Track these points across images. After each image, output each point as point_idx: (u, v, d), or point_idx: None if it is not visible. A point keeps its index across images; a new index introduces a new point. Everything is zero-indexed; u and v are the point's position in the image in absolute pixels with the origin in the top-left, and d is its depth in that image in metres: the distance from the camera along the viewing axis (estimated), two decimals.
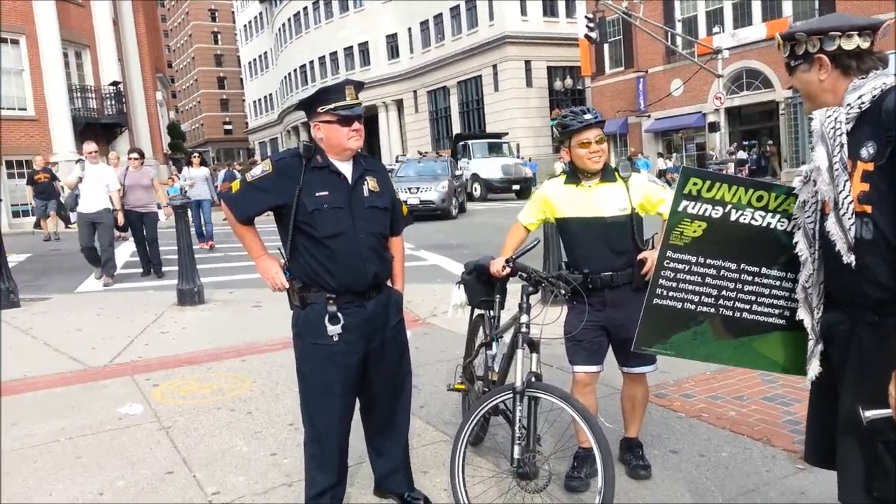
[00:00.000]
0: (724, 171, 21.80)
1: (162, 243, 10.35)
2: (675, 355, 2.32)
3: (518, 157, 29.45)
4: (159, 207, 10.35)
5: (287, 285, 2.76)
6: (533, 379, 2.74)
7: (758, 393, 4.22)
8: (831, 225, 1.81)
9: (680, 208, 2.12)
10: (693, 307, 2.19)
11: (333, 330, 2.69)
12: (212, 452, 3.68)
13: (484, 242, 12.41)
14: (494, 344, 3.32)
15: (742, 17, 28.09)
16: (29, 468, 3.56)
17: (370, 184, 2.80)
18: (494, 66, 40.01)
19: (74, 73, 23.61)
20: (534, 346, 2.81)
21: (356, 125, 2.71)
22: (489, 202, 25.29)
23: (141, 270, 10.10)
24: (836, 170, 1.79)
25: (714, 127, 26.45)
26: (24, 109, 21.44)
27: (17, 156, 20.90)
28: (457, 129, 44.15)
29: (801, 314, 2.01)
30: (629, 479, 3.17)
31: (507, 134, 33.31)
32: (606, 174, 3.01)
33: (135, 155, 10.11)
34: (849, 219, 1.77)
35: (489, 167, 26.44)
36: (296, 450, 3.63)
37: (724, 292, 2.17)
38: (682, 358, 2.37)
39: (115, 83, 24.66)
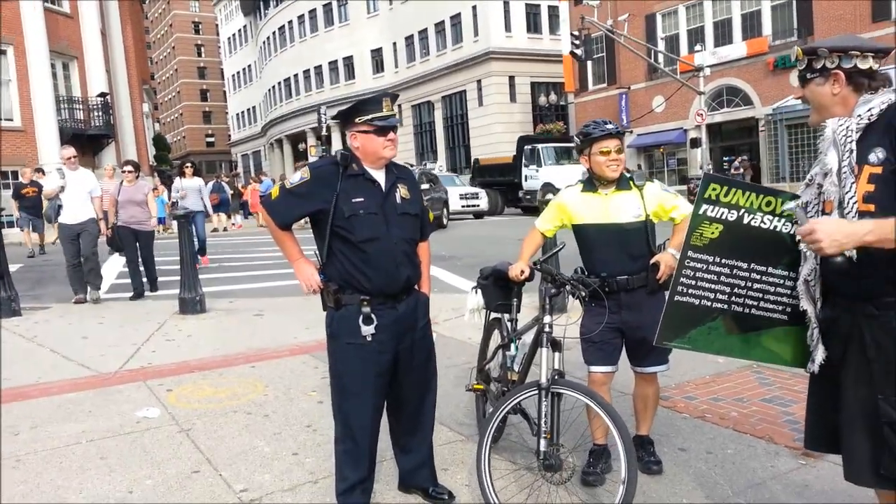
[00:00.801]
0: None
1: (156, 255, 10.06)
2: (692, 349, 2.51)
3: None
4: (161, 221, 10.23)
5: (322, 287, 2.90)
6: (556, 376, 2.90)
7: (757, 395, 4.41)
8: None
9: (700, 211, 2.31)
10: (709, 304, 2.37)
11: (367, 330, 2.83)
12: (234, 453, 3.78)
13: (476, 254, 12.59)
14: (513, 345, 3.47)
15: (723, 36, 28.71)
16: (55, 468, 3.65)
17: (402, 191, 2.96)
18: (479, 82, 40.42)
19: (62, 83, 23.55)
20: (556, 345, 2.97)
21: (391, 135, 2.86)
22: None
23: (130, 294, 9.00)
24: (845, 172, 2.00)
25: (695, 143, 26.93)
26: (11, 120, 21.34)
27: (3, 167, 20.76)
28: (441, 143, 44.47)
29: (805, 305, 2.20)
30: (642, 474, 3.29)
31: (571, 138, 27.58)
32: (622, 183, 3.19)
33: (129, 168, 9.35)
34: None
35: (566, 176, 19.70)
36: (316, 450, 3.77)
37: (735, 290, 2.36)
38: (697, 351, 2.55)
39: (102, 94, 24.61)
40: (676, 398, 4.39)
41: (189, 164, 12.59)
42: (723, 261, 2.35)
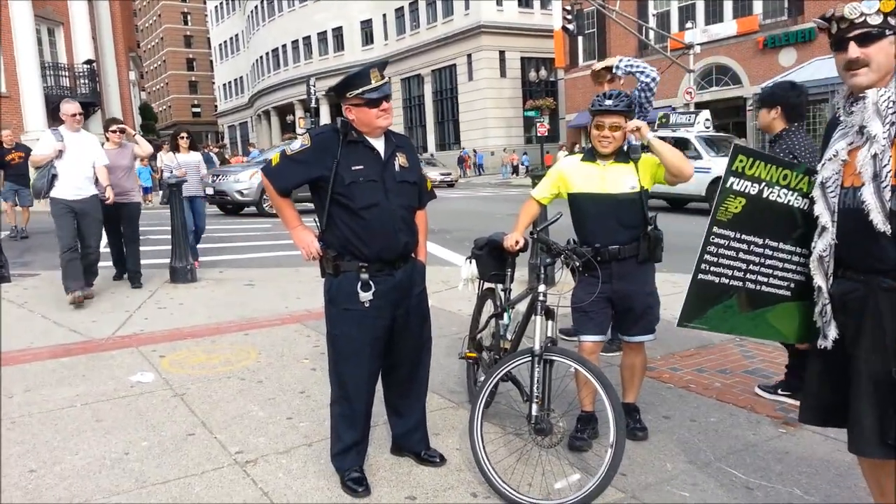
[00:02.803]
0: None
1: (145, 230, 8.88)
2: (708, 329, 2.51)
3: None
4: (146, 192, 8.37)
5: (321, 253, 2.94)
6: (549, 344, 2.98)
7: (739, 367, 4.52)
8: (868, 195, 1.98)
9: (728, 184, 2.28)
10: (727, 281, 2.37)
11: (365, 296, 2.88)
12: (229, 417, 3.84)
13: (466, 227, 12.65)
14: (506, 314, 3.55)
15: (714, 14, 28.68)
16: (51, 430, 3.69)
17: (400, 160, 2.99)
18: (469, 56, 40.19)
19: (47, 50, 23.19)
20: (550, 313, 3.05)
21: (384, 105, 2.88)
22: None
23: (114, 273, 7.89)
24: (884, 145, 1.97)
25: None
26: None
27: None
28: (430, 118, 44.26)
29: (818, 281, 2.19)
30: (628, 440, 3.38)
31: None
32: (620, 156, 3.25)
33: (115, 128, 7.53)
34: (889, 190, 1.95)
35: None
36: (310, 414, 3.84)
37: (750, 266, 2.36)
38: (712, 331, 2.56)
39: (88, 61, 24.26)
40: (662, 369, 4.49)
41: (184, 135, 9.06)
42: (742, 237, 2.34)
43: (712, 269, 2.35)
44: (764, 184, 2.29)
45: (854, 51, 2.02)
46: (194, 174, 8.62)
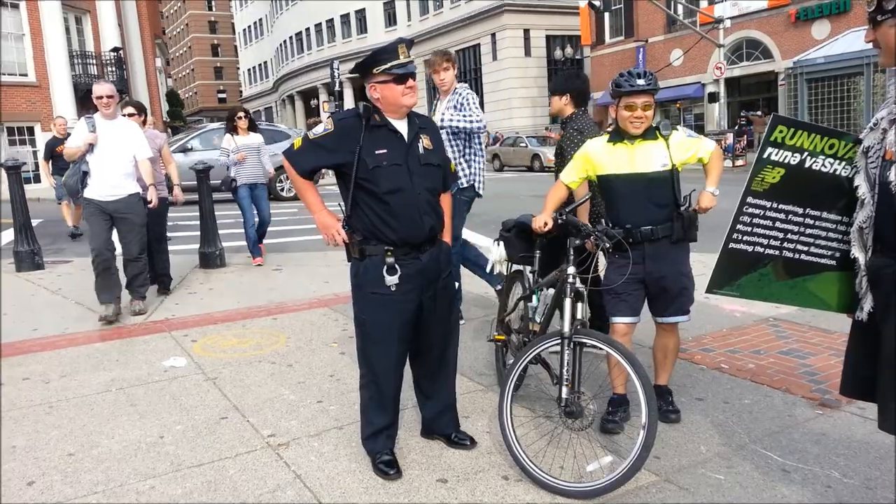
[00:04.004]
0: (723, 142, 21.87)
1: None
2: (739, 296, 2.50)
3: None
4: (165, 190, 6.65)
5: (346, 239, 2.93)
6: (579, 326, 2.94)
7: (774, 347, 4.44)
8: (894, 174, 1.97)
9: (765, 155, 2.26)
10: (762, 250, 2.36)
11: (391, 280, 2.87)
12: (261, 400, 3.88)
13: (492, 210, 12.57)
14: (535, 297, 3.51)
15: None
16: (87, 414, 3.76)
17: (424, 142, 2.95)
18: (493, 35, 39.76)
19: (75, 38, 23.46)
20: (580, 295, 3.01)
21: (410, 82, 2.84)
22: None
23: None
24: None
25: (713, 97, 26.45)
26: (25, 75, 21.33)
27: (19, 122, 20.85)
28: None
29: (855, 252, 2.19)
30: (660, 423, 3.35)
31: None
32: (648, 133, 3.17)
33: (130, 110, 6.43)
34: None
35: None
36: (340, 398, 3.86)
37: (788, 235, 2.34)
38: (745, 298, 2.55)
39: (115, 49, 24.50)
40: (694, 350, 4.43)
41: (242, 114, 7.94)
42: (780, 206, 2.32)
43: (745, 238, 2.35)
44: (807, 153, 2.26)
45: (869, 34, 2.07)
46: (254, 157, 7.73)
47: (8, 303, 6.31)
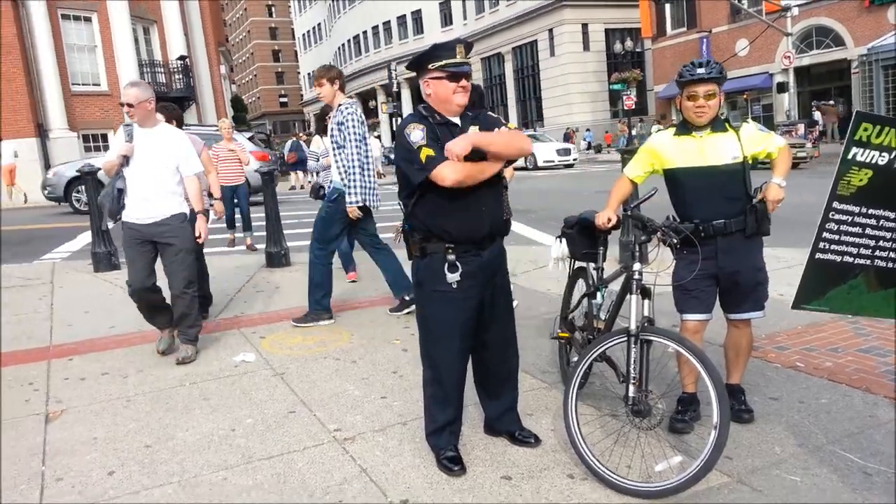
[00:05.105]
0: (794, 132, 21.09)
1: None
2: (829, 310, 2.33)
3: None
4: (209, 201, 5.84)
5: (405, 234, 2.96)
6: (646, 323, 2.88)
7: (852, 345, 4.26)
8: None
9: (850, 156, 2.07)
10: (852, 259, 2.17)
11: (452, 278, 2.86)
12: (326, 395, 3.94)
13: (551, 206, 12.50)
14: (599, 294, 3.46)
15: None
16: (163, 408, 3.90)
17: (472, 131, 2.87)
18: (550, 31, 39.40)
19: (143, 48, 24.41)
20: (646, 292, 2.95)
21: (463, 82, 2.82)
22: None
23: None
24: None
25: (782, 87, 25.55)
26: (98, 85, 22.34)
27: (93, 129, 21.81)
28: (511, 96, 43.84)
29: None
30: (733, 422, 3.23)
31: None
32: (717, 125, 3.08)
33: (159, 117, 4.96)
34: None
35: None
36: (403, 394, 3.89)
37: (881, 243, 2.16)
38: (835, 312, 2.39)
39: (182, 57, 25.38)
40: (767, 348, 4.29)
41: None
42: (870, 211, 2.14)
43: (833, 247, 2.16)
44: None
45: None
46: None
47: (87, 302, 6.60)
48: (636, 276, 2.95)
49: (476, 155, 2.74)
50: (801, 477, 2.80)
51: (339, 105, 5.27)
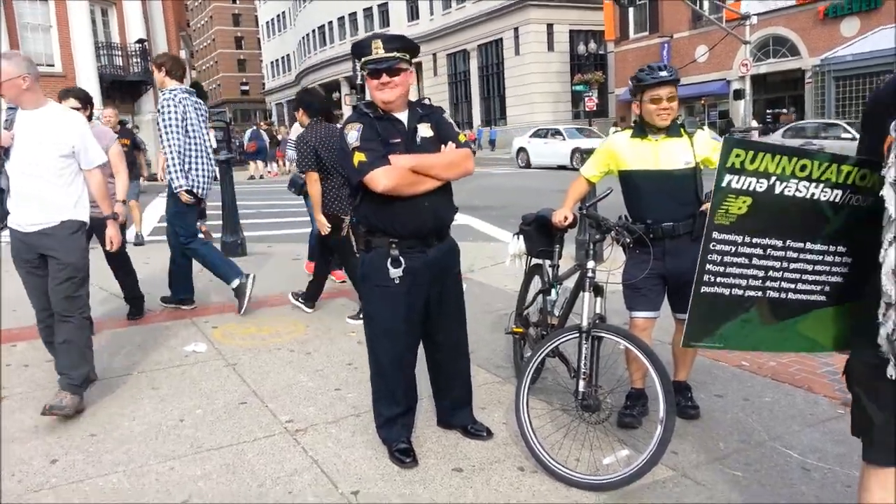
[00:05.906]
0: (749, 139, 21.59)
1: None
2: (724, 348, 2.21)
3: None
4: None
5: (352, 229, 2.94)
6: (598, 320, 2.93)
7: None
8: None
9: (724, 183, 1.93)
10: (741, 292, 2.04)
11: (395, 273, 2.85)
12: (279, 386, 3.91)
13: (509, 203, 12.57)
14: (554, 290, 3.51)
15: None
16: (110, 396, 3.82)
17: (423, 130, 2.91)
18: (516, 30, 39.57)
19: (101, 30, 23.72)
20: (599, 290, 3.00)
21: (384, 78, 2.79)
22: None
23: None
24: None
25: (739, 94, 26.10)
26: (52, 66, 21.61)
27: None
28: (476, 93, 43.94)
29: (888, 287, 1.71)
30: (679, 418, 3.33)
31: None
32: (672, 129, 3.14)
33: (72, 103, 5.19)
34: None
35: None
36: (358, 386, 3.88)
37: (770, 273, 2.02)
38: (731, 349, 2.35)
39: (140, 41, 24.74)
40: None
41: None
42: (754, 240, 1.99)
43: (720, 279, 2.02)
44: (775, 178, 1.93)
45: None
46: None
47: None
48: (590, 274, 2.99)
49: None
50: (743, 472, 2.88)
51: (164, 90, 5.39)
